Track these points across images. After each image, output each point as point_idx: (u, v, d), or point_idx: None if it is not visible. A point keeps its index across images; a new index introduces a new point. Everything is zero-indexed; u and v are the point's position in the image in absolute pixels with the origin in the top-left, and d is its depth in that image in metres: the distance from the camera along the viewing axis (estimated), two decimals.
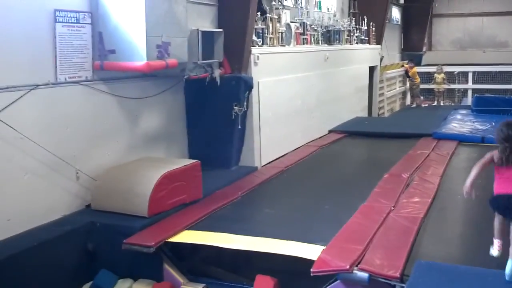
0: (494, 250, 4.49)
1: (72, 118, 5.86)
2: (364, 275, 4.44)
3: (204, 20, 7.68)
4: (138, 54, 5.95)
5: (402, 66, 18.28)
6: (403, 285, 4.28)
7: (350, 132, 11.37)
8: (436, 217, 5.92)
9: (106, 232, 5.46)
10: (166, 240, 5.30)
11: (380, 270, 4.43)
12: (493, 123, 11.45)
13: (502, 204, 4.40)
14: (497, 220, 4.49)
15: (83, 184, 5.97)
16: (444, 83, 17.28)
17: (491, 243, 4.48)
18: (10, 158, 5.15)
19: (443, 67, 17.44)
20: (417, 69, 17.65)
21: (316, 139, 10.67)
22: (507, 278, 4.26)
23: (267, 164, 8.55)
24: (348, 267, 4.49)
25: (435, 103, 17.21)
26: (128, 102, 6.64)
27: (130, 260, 5.32)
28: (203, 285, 5.21)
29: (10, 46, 5.16)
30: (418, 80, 17.28)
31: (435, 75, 17.25)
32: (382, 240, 5.11)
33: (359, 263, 4.58)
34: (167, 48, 6.26)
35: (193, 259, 5.62)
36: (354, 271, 4.49)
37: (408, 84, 17.86)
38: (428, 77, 17.86)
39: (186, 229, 5.56)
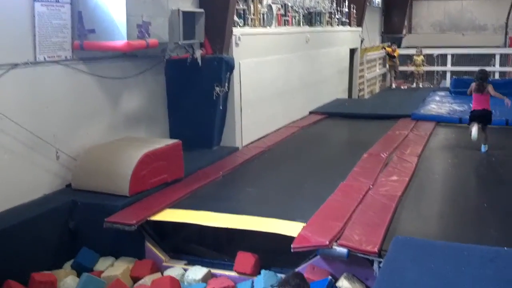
0: (473, 133, 7.75)
1: (52, 98, 5.82)
2: (343, 250, 4.54)
3: (185, 0, 7.62)
4: (118, 34, 5.91)
5: (383, 48, 18.37)
6: (381, 260, 4.38)
7: (331, 113, 11.47)
8: (414, 195, 6.05)
9: (88, 211, 5.46)
10: (148, 219, 5.33)
11: (358, 246, 4.53)
12: (471, 105, 11.62)
13: (473, 115, 7.98)
14: (472, 126, 7.86)
15: (63, 163, 5.94)
16: (423, 65, 17.44)
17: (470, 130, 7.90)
18: None
19: (422, 49, 17.58)
20: (399, 51, 17.84)
21: (297, 120, 10.74)
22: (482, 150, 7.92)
23: (249, 144, 8.60)
24: (327, 243, 4.58)
25: (414, 85, 17.38)
26: (108, 82, 6.60)
27: (112, 239, 5.34)
28: (185, 262, 5.26)
29: None
30: (398, 62, 17.48)
31: (414, 57, 17.40)
32: (361, 217, 5.21)
33: (338, 239, 4.67)
34: (147, 27, 6.22)
35: (175, 237, 5.66)
36: (334, 247, 4.59)
37: (388, 65, 17.97)
38: (408, 60, 18.01)
39: (168, 208, 5.60)
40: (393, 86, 17.49)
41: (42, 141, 5.64)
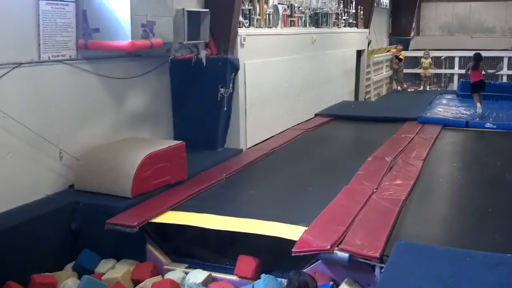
0: (478, 109, 10.83)
1: (56, 97, 5.82)
2: (345, 255, 4.50)
3: (190, 0, 7.61)
4: (123, 33, 5.91)
5: (388, 51, 18.24)
6: (383, 265, 4.34)
7: (336, 115, 11.41)
8: (418, 199, 6.00)
9: (90, 212, 5.45)
10: (150, 221, 5.31)
11: (360, 251, 4.49)
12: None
13: (475, 85, 10.97)
14: (474, 96, 11.05)
15: (66, 164, 5.94)
16: (431, 68, 17.33)
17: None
18: None
19: (430, 51, 17.47)
20: (405, 53, 17.70)
21: (302, 122, 10.69)
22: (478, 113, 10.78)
23: (253, 146, 8.57)
24: (329, 247, 4.54)
25: (421, 88, 17.27)
26: (113, 82, 6.59)
27: (114, 240, 5.33)
28: (186, 265, 5.24)
29: None
30: (403, 64, 17.34)
31: (422, 59, 17.26)
32: (364, 221, 5.17)
33: (340, 244, 4.63)
34: (152, 27, 6.22)
35: (177, 239, 5.64)
36: (335, 251, 4.55)
37: (393, 68, 17.84)
38: (415, 62, 17.87)
39: (170, 210, 5.58)
40: (398, 88, 17.37)
41: (46, 141, 5.64)
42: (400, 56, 17.08)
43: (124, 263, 5.25)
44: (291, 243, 4.75)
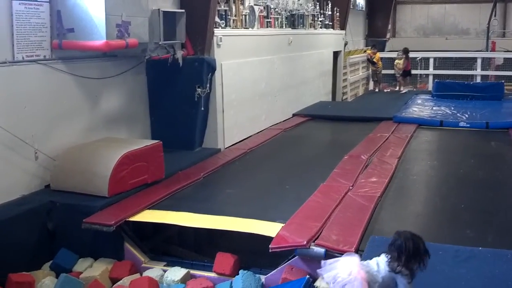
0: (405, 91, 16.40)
1: (31, 97, 5.77)
2: (321, 250, 4.56)
3: (166, 0, 7.61)
4: (97, 33, 5.89)
5: (365, 52, 18.40)
6: None
7: (314, 115, 11.51)
8: (393, 196, 6.10)
9: (66, 212, 5.43)
10: (127, 219, 5.30)
11: (335, 246, 4.56)
12: (452, 108, 11.77)
13: (409, 72, 17.03)
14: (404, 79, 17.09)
15: (42, 164, 5.89)
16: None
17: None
18: None
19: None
20: (381, 55, 17.85)
21: (280, 122, 10.76)
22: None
23: (231, 146, 8.59)
24: (305, 243, 4.61)
25: (397, 89, 17.47)
26: (88, 82, 6.56)
27: (91, 240, 5.31)
28: (164, 263, 5.24)
29: None
30: (381, 65, 17.44)
31: (396, 60, 17.40)
32: (340, 217, 5.24)
33: (316, 239, 4.70)
34: (127, 27, 6.22)
35: (155, 238, 5.65)
36: (311, 247, 4.61)
37: (371, 70, 18.01)
38: (391, 63, 18.05)
39: (147, 209, 5.58)
40: (376, 90, 17.56)
41: (21, 141, 5.59)
42: (374, 60, 17.19)
43: (102, 261, 5.22)
44: (269, 239, 4.79)
